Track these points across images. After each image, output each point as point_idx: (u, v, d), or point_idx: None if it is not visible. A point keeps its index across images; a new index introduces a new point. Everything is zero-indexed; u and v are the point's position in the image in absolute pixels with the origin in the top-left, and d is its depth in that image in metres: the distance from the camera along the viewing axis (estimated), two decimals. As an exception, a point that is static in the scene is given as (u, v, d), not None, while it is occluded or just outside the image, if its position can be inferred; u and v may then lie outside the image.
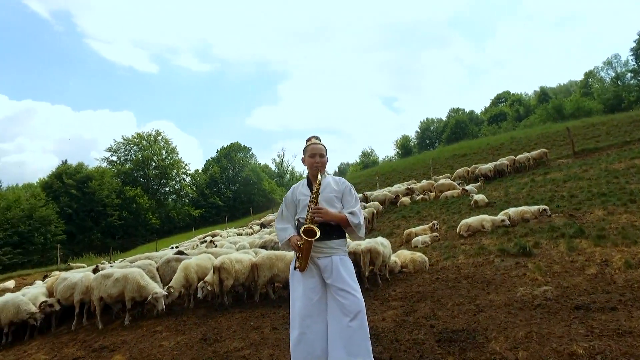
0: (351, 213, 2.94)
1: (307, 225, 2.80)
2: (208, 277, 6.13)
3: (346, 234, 3.06)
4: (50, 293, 6.72)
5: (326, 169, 3.19)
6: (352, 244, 6.96)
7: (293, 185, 3.24)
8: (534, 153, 16.72)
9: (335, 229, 2.95)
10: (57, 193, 42.90)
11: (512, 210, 8.99)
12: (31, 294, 6.54)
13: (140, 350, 4.42)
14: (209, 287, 5.96)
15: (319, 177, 2.95)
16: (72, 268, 16.40)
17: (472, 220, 9.00)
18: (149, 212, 48.29)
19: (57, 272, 12.33)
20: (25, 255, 35.80)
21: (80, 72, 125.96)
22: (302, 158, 3.17)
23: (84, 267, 14.35)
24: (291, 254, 6.42)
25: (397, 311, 4.71)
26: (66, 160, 48.45)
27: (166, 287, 6.05)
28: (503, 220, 8.54)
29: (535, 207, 8.83)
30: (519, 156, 16.86)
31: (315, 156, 3.03)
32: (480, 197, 11.59)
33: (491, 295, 4.81)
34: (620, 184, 9.93)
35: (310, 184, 3.06)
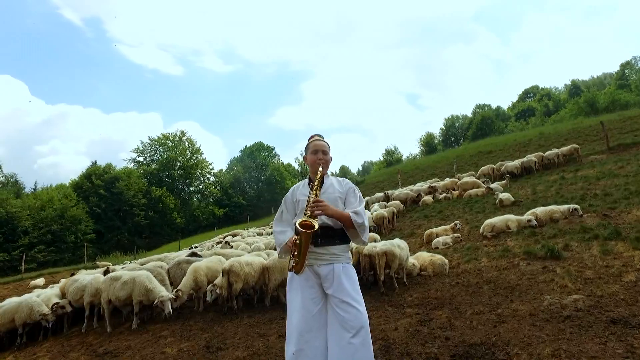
0: (355, 212, 2.64)
1: (304, 219, 2.48)
2: (217, 280, 5.97)
3: (350, 240, 2.76)
4: (63, 294, 6.73)
5: (329, 168, 2.93)
6: (367, 246, 6.66)
7: (294, 186, 2.98)
8: (564, 149, 15.84)
9: (337, 233, 2.66)
10: (87, 193, 44.33)
11: (539, 210, 8.44)
12: (44, 296, 6.57)
13: (142, 357, 4.28)
14: (218, 291, 5.80)
15: (319, 169, 2.70)
16: (98, 267, 16.75)
17: (497, 220, 8.52)
18: (174, 211, 49.21)
19: (84, 271, 12.56)
20: (58, 253, 37.19)
21: (109, 76, 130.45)
22: (303, 157, 2.96)
23: (109, 265, 14.59)
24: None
25: (411, 319, 4.39)
26: (95, 162, 50.07)
27: (175, 290, 5.93)
28: (529, 221, 8.02)
29: (565, 207, 8.27)
30: (548, 152, 16.03)
31: (317, 152, 2.79)
32: (505, 195, 11.02)
33: (515, 303, 4.41)
34: (660, 181, 9.19)
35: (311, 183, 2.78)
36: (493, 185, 13.41)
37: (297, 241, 2.49)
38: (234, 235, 17.81)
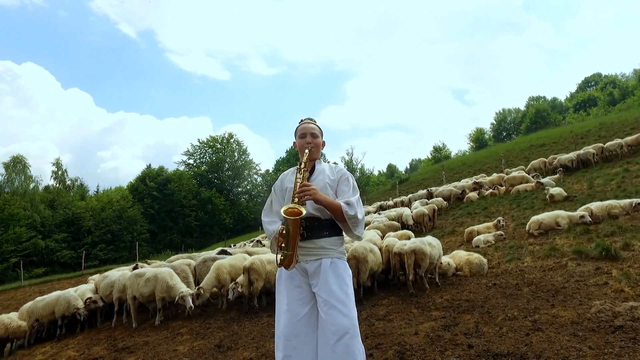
0: (347, 203, 2.31)
1: (289, 205, 2.19)
2: (239, 279, 5.86)
3: (342, 232, 2.46)
4: (96, 290, 6.97)
5: (321, 152, 2.66)
6: (397, 244, 6.27)
7: (283, 172, 2.70)
8: (629, 139, 14.28)
9: (326, 224, 2.36)
10: (142, 195, 46.94)
11: (595, 205, 7.58)
12: (80, 290, 6.84)
13: (154, 354, 4.25)
14: (239, 289, 5.69)
15: (305, 151, 2.42)
16: (149, 264, 17.54)
17: (545, 216, 7.76)
18: (222, 212, 50.78)
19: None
20: (116, 251, 39.71)
21: (161, 83, 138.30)
22: (293, 142, 2.64)
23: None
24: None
25: (435, 323, 3.99)
26: (150, 165, 52.82)
27: (197, 288, 5.90)
28: (582, 217, 7.21)
29: (627, 201, 7.36)
30: (609, 143, 14.54)
31: (305, 136, 2.51)
32: (557, 190, 10.08)
33: (556, 308, 3.87)
34: None
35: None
36: (544, 180, 12.36)
37: (284, 231, 2.23)
38: (259, 241, 17.87)
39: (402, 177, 37.63)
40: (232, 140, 59.68)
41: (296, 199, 2.23)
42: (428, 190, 17.30)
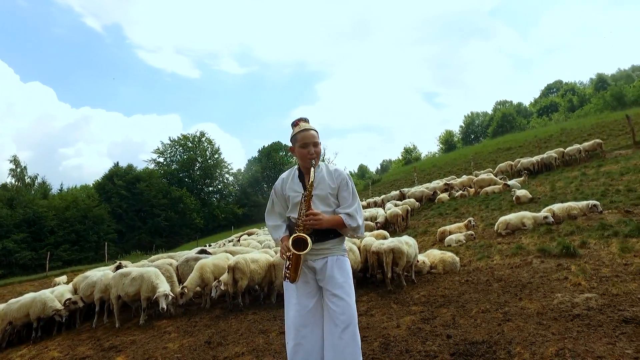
0: (348, 214, 2.54)
1: (297, 235, 2.43)
2: (223, 277, 5.97)
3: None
4: (75, 290, 6.87)
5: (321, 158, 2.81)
6: (375, 243, 6.55)
7: (282, 175, 2.79)
8: (586, 144, 15.26)
9: (331, 230, 2.58)
10: (109, 194, 45.50)
11: (556, 207, 8.16)
12: (58, 291, 6.72)
13: (143, 352, 4.31)
14: (222, 287, 5.80)
15: (312, 173, 2.51)
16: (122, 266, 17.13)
17: (512, 217, 8.27)
18: (193, 212, 49.93)
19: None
20: (81, 252, 38.32)
21: (130, 80, 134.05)
22: (290, 147, 2.72)
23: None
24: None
25: (414, 317, 4.28)
26: (117, 163, 51.23)
27: (181, 287, 5.97)
28: (546, 217, 7.76)
29: (584, 203, 7.95)
30: (569, 148, 15.49)
31: (308, 146, 2.56)
32: (522, 192, 10.70)
33: (523, 301, 4.25)
34: (688, 176, 8.75)
35: (302, 177, 2.64)
36: (510, 182, 13.04)
37: (290, 256, 2.48)
38: (249, 234, 17.89)
39: (374, 178, 38.28)
40: (203, 139, 58.82)
41: (301, 225, 2.46)
42: (400, 191, 17.78)
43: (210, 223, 51.18)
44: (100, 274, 6.50)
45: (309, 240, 2.40)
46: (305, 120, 2.68)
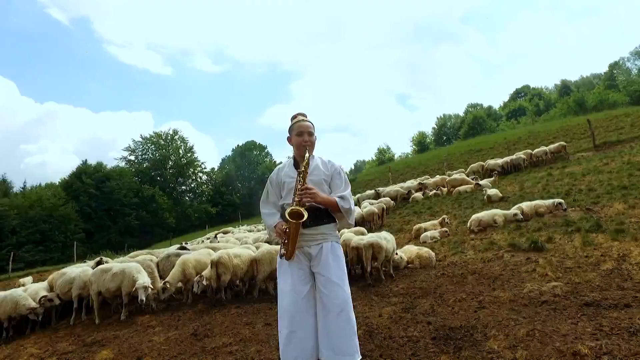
0: (341, 197, 2.70)
1: (293, 207, 2.52)
2: (205, 272, 6.01)
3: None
4: (51, 288, 6.72)
5: (314, 149, 2.96)
6: (354, 238, 6.73)
7: (278, 166, 2.98)
8: (552, 147, 16.10)
9: (325, 212, 2.72)
10: (77, 192, 43.87)
11: (525, 205, 8.60)
12: (32, 290, 6.55)
13: (129, 346, 4.31)
14: (204, 282, 5.84)
15: (306, 155, 2.68)
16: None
17: (484, 214, 8.66)
18: (166, 211, 48.89)
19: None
20: (46, 252, 36.79)
21: (99, 76, 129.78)
22: (287, 137, 2.89)
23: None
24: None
25: (395, 307, 4.48)
26: (86, 160, 49.50)
27: (163, 282, 5.97)
28: (515, 215, 8.17)
29: (550, 201, 8.43)
30: (536, 150, 16.28)
31: (303, 134, 2.76)
32: (493, 191, 11.19)
33: (496, 291, 4.53)
34: (642, 177, 9.41)
35: (297, 165, 2.79)
36: (482, 182, 13.57)
37: (287, 229, 2.57)
38: (225, 233, 17.77)
39: (349, 178, 38.68)
40: (176, 136, 57.66)
41: (296, 199, 2.56)
42: (375, 190, 18.11)
43: (182, 222, 50.22)
44: (78, 270, 6.39)
45: (305, 212, 2.49)
46: (303, 115, 2.89)
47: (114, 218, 44.87)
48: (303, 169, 2.64)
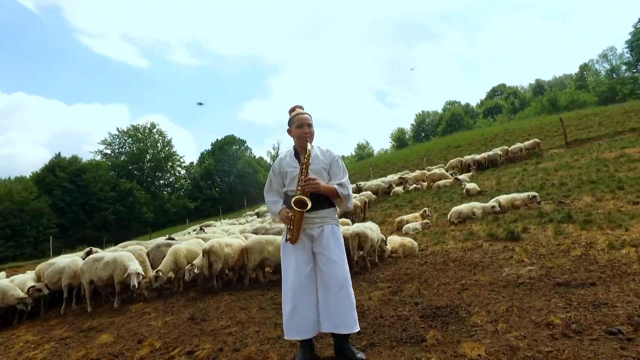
0: (340, 184, 2.93)
1: (297, 197, 2.76)
2: (197, 261, 6.14)
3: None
4: (38, 278, 6.69)
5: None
6: (341, 228, 6.97)
7: (279, 156, 3.17)
8: (527, 143, 16.81)
9: (325, 198, 2.94)
10: (50, 186, 42.57)
11: (502, 198, 9.05)
12: (19, 280, 6.51)
13: (127, 330, 4.43)
14: (196, 270, 5.97)
15: (308, 147, 2.88)
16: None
17: (463, 207, 9.06)
18: (144, 205, 48.07)
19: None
20: (18, 248, 35.70)
21: (71, 67, 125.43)
22: (287, 129, 3.09)
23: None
24: (280, 238, 6.42)
25: (383, 291, 4.74)
26: (59, 154, 47.99)
27: (155, 271, 6.06)
28: (493, 207, 8.60)
29: (525, 194, 8.90)
30: (512, 147, 16.95)
31: (303, 126, 2.96)
32: (472, 185, 11.65)
33: (477, 275, 4.85)
34: (609, 172, 10.03)
35: (297, 155, 3.01)
36: (460, 177, 14.07)
37: (292, 217, 2.79)
38: (207, 227, 17.78)
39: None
40: (154, 130, 56.64)
41: (300, 189, 2.79)
42: (357, 184, 18.44)
43: (160, 217, 49.51)
44: (67, 260, 6.39)
45: (308, 201, 2.74)
46: (301, 107, 3.10)
47: (89, 213, 43.85)
48: (305, 160, 2.85)
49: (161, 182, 57.12)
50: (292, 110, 3.08)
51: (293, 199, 2.76)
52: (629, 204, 7.14)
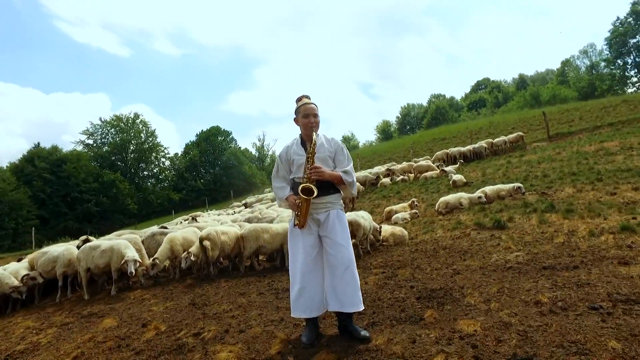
0: (345, 172, 3.07)
1: (304, 184, 2.89)
2: (193, 249, 6.23)
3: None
4: (31, 267, 6.67)
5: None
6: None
7: (286, 144, 3.28)
8: (511, 136, 17.24)
9: (331, 184, 3.08)
10: (30, 177, 41.48)
11: (488, 188, 9.34)
12: (12, 269, 6.49)
13: (130, 315, 4.51)
14: (192, 258, 6.06)
15: (314, 137, 3.00)
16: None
17: (450, 197, 9.32)
18: (127, 197, 47.35)
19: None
20: (-6, 240, 34.78)
21: (49, 54, 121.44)
22: (294, 118, 3.21)
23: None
24: (275, 226, 6.55)
25: (379, 276, 4.93)
26: (38, 144, 46.78)
27: (152, 259, 6.12)
28: (480, 197, 8.88)
29: (510, 185, 9.21)
30: (497, 140, 17.36)
31: (309, 116, 3.08)
32: (458, 177, 11.94)
33: (467, 261, 5.09)
34: (589, 165, 10.43)
35: (304, 144, 3.14)
36: (447, 168, 14.38)
37: (300, 203, 2.93)
38: (197, 217, 17.71)
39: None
40: (138, 120, 55.60)
41: (306, 177, 2.93)
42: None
43: (144, 208, 48.89)
44: (61, 248, 6.39)
45: (315, 189, 2.89)
46: (307, 97, 3.22)
47: (71, 204, 42.94)
48: (311, 149, 2.98)
49: (145, 173, 56.33)
50: (298, 99, 3.20)
51: (300, 187, 2.90)
52: (607, 195, 7.50)
